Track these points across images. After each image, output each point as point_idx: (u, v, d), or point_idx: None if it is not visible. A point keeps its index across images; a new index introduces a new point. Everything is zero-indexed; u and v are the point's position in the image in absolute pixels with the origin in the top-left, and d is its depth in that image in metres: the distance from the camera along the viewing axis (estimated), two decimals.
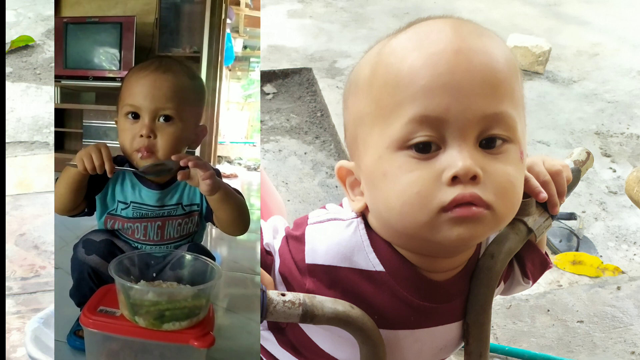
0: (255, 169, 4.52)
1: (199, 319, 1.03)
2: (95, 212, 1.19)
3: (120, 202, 1.16)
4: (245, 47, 4.93)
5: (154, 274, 1.13)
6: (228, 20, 4.09)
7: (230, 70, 4.65)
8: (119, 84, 1.19)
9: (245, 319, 1.46)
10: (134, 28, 3.55)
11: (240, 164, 4.61)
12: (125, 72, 1.25)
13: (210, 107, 3.98)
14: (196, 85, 1.19)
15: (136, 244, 1.18)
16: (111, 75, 3.42)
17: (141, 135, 1.10)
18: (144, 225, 1.17)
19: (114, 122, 1.18)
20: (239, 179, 4.12)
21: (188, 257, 1.13)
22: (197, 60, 3.84)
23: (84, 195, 1.13)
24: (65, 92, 3.45)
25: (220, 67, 3.99)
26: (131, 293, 1.00)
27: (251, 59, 4.95)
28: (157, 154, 1.11)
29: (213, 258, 1.16)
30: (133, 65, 3.49)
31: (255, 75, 4.93)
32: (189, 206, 1.19)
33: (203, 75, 3.85)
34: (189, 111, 1.15)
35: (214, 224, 1.20)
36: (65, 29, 3.46)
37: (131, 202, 1.16)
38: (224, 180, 1.13)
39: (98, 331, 1.02)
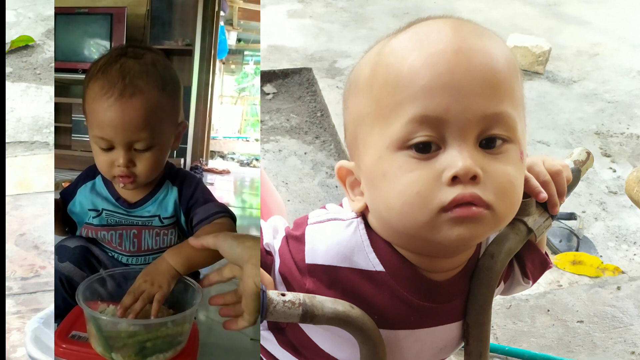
0: (248, 164, 4.48)
1: (182, 347, 0.92)
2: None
3: (91, 210, 1.10)
4: (239, 40, 4.85)
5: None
6: (222, 13, 4.03)
7: (223, 63, 4.59)
8: None
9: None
10: (125, 19, 3.47)
11: (233, 158, 4.57)
12: None
13: (203, 102, 3.92)
14: (169, 88, 1.04)
15: (112, 253, 1.11)
16: None
17: (118, 165, 1.02)
18: (118, 234, 1.09)
19: None
20: (232, 175, 4.07)
21: None
22: (190, 53, 3.77)
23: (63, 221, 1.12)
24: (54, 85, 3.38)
25: (213, 60, 3.92)
26: (102, 324, 0.87)
27: (245, 52, 4.89)
28: (138, 180, 1.05)
29: (197, 273, 1.07)
30: None
31: (249, 69, 4.88)
32: (168, 219, 1.10)
33: (196, 69, 3.78)
34: (166, 127, 1.05)
35: None
36: (54, 20, 3.36)
37: (103, 209, 1.10)
38: (217, 177, 1.07)
39: None
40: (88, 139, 1.05)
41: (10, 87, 2.80)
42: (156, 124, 1.01)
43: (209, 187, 1.17)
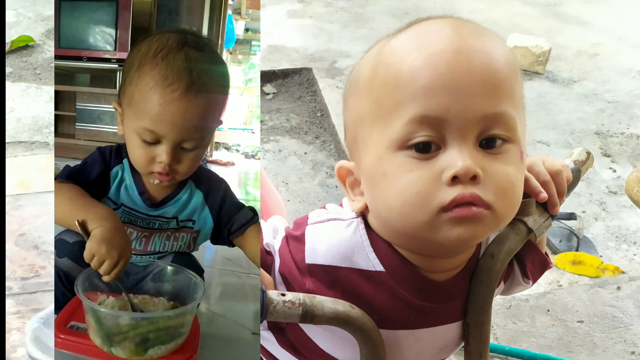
0: (253, 156, 4.45)
1: (183, 340, 0.91)
2: None
3: (110, 200, 1.04)
4: (247, 29, 4.79)
5: (132, 285, 1.01)
6: (230, 1, 3.99)
7: (230, 53, 4.54)
8: (115, 65, 1.03)
9: (237, 307, 1.45)
10: (131, 6, 3.34)
11: (238, 150, 4.53)
12: (123, 54, 0.99)
13: None
14: (224, 84, 0.99)
15: None
16: (107, 56, 3.23)
17: (160, 161, 0.97)
18: (129, 232, 1.04)
19: (108, 107, 1.04)
20: (236, 167, 4.04)
21: (170, 268, 1.02)
22: None
23: None
24: (57, 73, 3.28)
25: (220, 49, 3.84)
26: (102, 316, 0.85)
27: (252, 42, 4.83)
28: (176, 177, 0.99)
29: (201, 270, 1.07)
30: (129, 47, 3.36)
31: (257, 59, 4.84)
32: (185, 221, 1.07)
33: None
34: (216, 125, 1.00)
35: (230, 245, 1.08)
36: (59, 6, 3.29)
37: (122, 204, 1.05)
38: (221, 169, 1.04)
39: (68, 352, 0.87)
40: (92, 128, 1.00)
41: (10, 87, 2.79)
42: (210, 124, 0.96)
43: None
